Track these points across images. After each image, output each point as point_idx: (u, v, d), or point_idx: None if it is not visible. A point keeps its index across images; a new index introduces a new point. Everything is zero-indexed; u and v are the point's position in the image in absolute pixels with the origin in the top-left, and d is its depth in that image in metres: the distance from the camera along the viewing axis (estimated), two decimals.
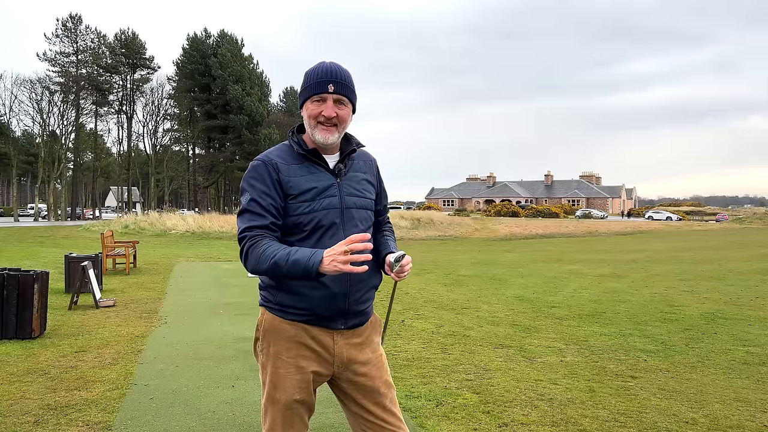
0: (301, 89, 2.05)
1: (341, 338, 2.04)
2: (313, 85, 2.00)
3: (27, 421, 3.79)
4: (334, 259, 1.76)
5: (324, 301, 1.97)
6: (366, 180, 2.14)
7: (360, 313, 2.07)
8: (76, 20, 61.05)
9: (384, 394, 2.08)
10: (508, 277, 13.06)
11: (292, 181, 1.97)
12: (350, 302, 2.01)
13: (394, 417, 2.08)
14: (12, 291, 6.07)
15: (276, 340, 2.02)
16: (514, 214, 63.21)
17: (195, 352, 5.74)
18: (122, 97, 66.80)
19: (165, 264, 15.05)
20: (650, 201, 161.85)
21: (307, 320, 2.00)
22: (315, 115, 1.99)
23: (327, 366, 2.04)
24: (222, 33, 67.45)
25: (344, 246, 1.77)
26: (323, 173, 2.02)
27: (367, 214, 2.11)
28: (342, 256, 1.76)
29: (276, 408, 1.99)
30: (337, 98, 1.99)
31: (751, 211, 74.90)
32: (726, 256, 19.11)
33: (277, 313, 2.02)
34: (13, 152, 58.98)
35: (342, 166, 2.06)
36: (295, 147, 2.03)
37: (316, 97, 1.99)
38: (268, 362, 2.02)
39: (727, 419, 3.90)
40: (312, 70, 2.03)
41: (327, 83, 1.98)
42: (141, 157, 79.63)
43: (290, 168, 1.99)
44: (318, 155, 2.03)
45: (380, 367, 2.11)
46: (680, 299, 9.46)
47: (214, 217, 34.96)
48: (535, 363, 5.38)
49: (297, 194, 1.97)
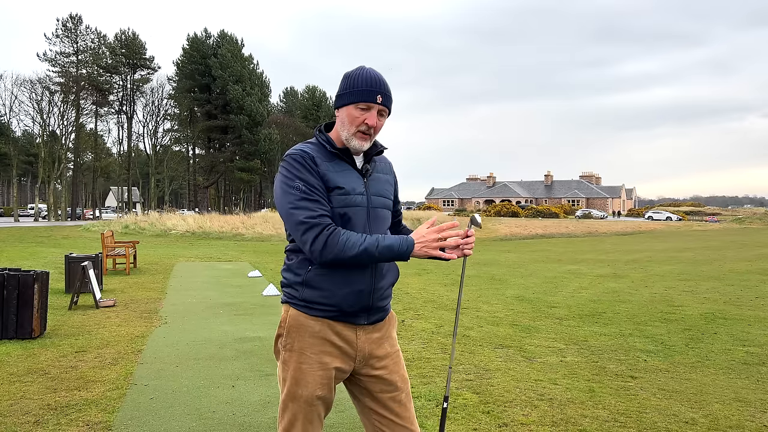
0: (345, 92, 2.04)
1: (363, 333, 2.08)
2: (362, 92, 2.01)
3: (27, 421, 3.80)
4: (425, 245, 1.92)
5: (350, 297, 2.00)
6: (388, 181, 2.19)
7: (381, 309, 2.11)
8: (77, 20, 61.09)
9: (401, 388, 2.12)
10: (508, 277, 13.06)
11: (327, 176, 2.00)
12: (374, 298, 2.05)
13: (409, 413, 2.12)
14: (12, 291, 6.07)
15: (301, 336, 2.03)
16: (514, 215, 63.21)
17: (195, 352, 5.74)
18: (122, 97, 66.88)
19: (165, 264, 15.05)
20: (650, 201, 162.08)
21: (333, 316, 2.03)
22: (358, 122, 2.02)
23: (349, 361, 2.06)
24: (222, 33, 67.45)
25: (436, 233, 1.93)
26: (353, 172, 2.06)
27: (388, 215, 2.16)
28: (434, 242, 1.92)
29: (297, 404, 2.01)
30: (381, 109, 2.04)
31: (751, 211, 74.98)
32: (726, 257, 19.11)
33: (302, 309, 2.04)
34: (13, 152, 59.02)
35: (368, 166, 2.11)
36: (327, 146, 2.06)
37: (363, 105, 2.01)
38: (292, 358, 2.04)
39: (726, 419, 3.91)
40: (357, 75, 2.04)
41: (376, 94, 2.01)
42: (141, 157, 79.67)
43: (324, 164, 2.02)
44: (348, 154, 2.07)
45: (398, 362, 2.15)
46: (680, 299, 9.46)
47: (214, 217, 34.94)
48: (535, 363, 5.39)
49: (332, 188, 2.00)
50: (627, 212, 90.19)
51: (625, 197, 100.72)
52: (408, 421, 2.09)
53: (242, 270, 13.62)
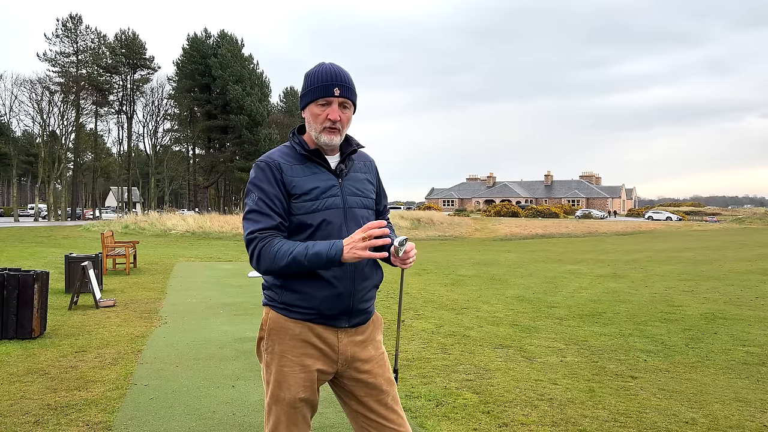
0: (304, 91, 2.05)
1: (345, 336, 2.06)
2: (318, 88, 2.00)
3: (27, 421, 3.80)
4: (353, 246, 1.84)
5: (329, 300, 1.98)
6: (367, 180, 2.16)
7: (363, 312, 2.09)
8: (76, 20, 61.07)
9: (386, 391, 2.09)
10: (508, 277, 13.06)
11: (295, 181, 1.99)
12: (354, 301, 2.03)
13: (396, 414, 2.09)
14: (12, 291, 6.07)
15: (281, 338, 2.02)
16: (514, 215, 63.19)
17: (195, 352, 5.74)
18: (122, 97, 66.86)
19: (165, 264, 15.05)
20: (650, 201, 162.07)
21: (312, 319, 2.01)
22: (321, 119, 2.00)
23: (331, 364, 2.05)
24: (222, 33, 67.39)
25: (362, 233, 1.84)
26: (325, 173, 2.04)
27: (369, 214, 2.13)
28: (361, 242, 1.83)
29: (280, 407, 2.00)
30: (341, 101, 2.01)
31: (751, 211, 74.97)
32: (726, 257, 19.11)
33: (282, 312, 2.03)
34: (13, 152, 59.01)
35: (343, 166, 2.08)
36: (297, 148, 2.05)
37: (322, 101, 2.00)
38: (273, 361, 2.03)
39: (726, 419, 3.91)
40: (314, 72, 2.03)
41: (333, 87, 1.99)
42: (141, 157, 79.67)
43: (293, 168, 2.01)
44: (320, 156, 2.05)
45: (382, 365, 2.13)
46: (680, 299, 9.46)
47: (214, 217, 34.96)
48: (535, 363, 5.38)
49: (300, 194, 1.98)
50: (627, 212, 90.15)
51: (625, 197, 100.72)
52: (395, 423, 2.07)
53: (242, 270, 13.62)
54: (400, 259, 2.01)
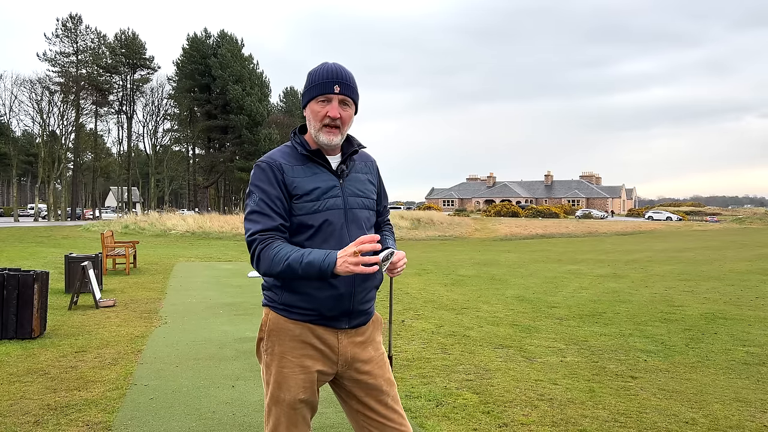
0: (305, 89, 2.05)
1: (345, 337, 2.05)
2: (318, 85, 2.00)
3: (27, 421, 3.79)
4: (345, 260, 1.78)
5: (330, 301, 1.98)
6: (368, 180, 2.16)
7: (363, 312, 2.08)
8: (76, 20, 61.08)
9: (386, 391, 2.09)
10: (508, 277, 13.06)
11: (296, 182, 1.98)
12: (355, 302, 2.02)
13: (397, 414, 2.09)
14: (12, 291, 6.07)
15: (281, 339, 2.02)
16: (514, 215, 63.19)
17: (195, 352, 5.74)
18: (122, 97, 66.87)
19: (165, 264, 15.05)
20: (650, 201, 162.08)
21: (312, 320, 2.00)
22: (320, 116, 1.99)
23: (331, 365, 2.04)
24: (222, 33, 67.43)
25: (354, 247, 1.79)
26: (326, 174, 2.03)
27: (370, 215, 2.12)
28: (352, 257, 1.77)
29: (280, 408, 1.99)
30: (342, 99, 2.01)
31: (751, 211, 74.98)
32: (726, 257, 19.10)
33: (281, 312, 2.02)
34: (13, 152, 58.98)
35: (344, 167, 2.08)
36: (299, 148, 2.04)
37: (322, 98, 2.00)
38: (273, 362, 2.02)
39: (727, 419, 3.90)
40: (316, 70, 2.03)
41: (333, 84, 1.98)
42: (141, 157, 79.67)
43: (294, 169, 2.00)
44: (321, 156, 2.04)
45: (382, 365, 2.13)
46: (680, 299, 9.46)
47: (214, 217, 34.96)
48: (535, 363, 5.38)
49: (301, 195, 1.98)
50: (627, 212, 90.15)
51: (625, 197, 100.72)
52: (396, 422, 2.06)
53: (242, 270, 13.62)
54: (387, 269, 2.01)
